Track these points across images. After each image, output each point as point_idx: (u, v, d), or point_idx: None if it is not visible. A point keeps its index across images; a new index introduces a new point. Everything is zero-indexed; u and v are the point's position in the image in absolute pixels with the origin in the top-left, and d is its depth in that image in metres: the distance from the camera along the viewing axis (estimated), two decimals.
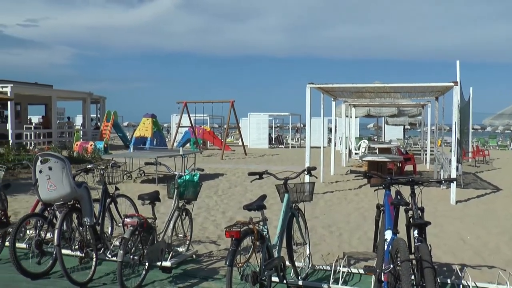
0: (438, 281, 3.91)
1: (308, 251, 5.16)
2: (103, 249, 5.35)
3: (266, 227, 4.16)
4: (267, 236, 4.11)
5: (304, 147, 28.12)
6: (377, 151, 17.29)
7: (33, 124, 29.62)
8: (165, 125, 43.39)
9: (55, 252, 4.93)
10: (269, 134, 31.60)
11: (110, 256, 5.38)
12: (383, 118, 26.09)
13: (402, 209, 4.23)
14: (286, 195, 4.69)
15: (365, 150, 19.09)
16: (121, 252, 4.37)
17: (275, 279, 4.39)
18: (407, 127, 33.74)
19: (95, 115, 33.76)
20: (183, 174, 5.65)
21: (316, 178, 6.01)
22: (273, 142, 31.86)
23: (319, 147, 13.83)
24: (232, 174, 14.55)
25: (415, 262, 3.52)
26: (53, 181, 4.92)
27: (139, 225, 4.59)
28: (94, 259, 5.07)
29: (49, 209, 5.46)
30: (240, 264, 3.77)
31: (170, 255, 5.25)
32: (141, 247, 4.77)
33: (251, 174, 4.88)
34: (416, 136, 36.92)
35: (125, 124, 50.16)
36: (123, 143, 28.19)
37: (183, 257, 5.53)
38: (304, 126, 40.55)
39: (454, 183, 9.69)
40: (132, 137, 23.88)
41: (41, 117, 32.45)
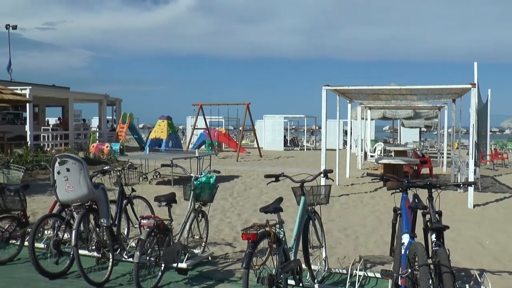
0: (456, 286, 3.86)
1: (324, 254, 5.13)
2: (119, 250, 5.39)
3: (282, 229, 4.15)
4: (283, 238, 4.10)
5: (319, 150, 28.09)
6: (392, 154, 17.15)
7: (51, 125, 29.97)
8: (181, 127, 43.60)
9: (72, 252, 4.98)
10: (284, 136, 31.54)
11: (126, 257, 5.42)
12: (399, 120, 25.85)
13: (419, 213, 4.19)
14: (302, 198, 4.67)
15: (381, 152, 18.94)
16: (138, 253, 4.40)
17: (291, 282, 4.38)
18: (423, 129, 33.36)
19: (111, 117, 34.05)
20: (199, 176, 5.66)
21: (332, 181, 5.98)
22: (288, 144, 31.80)
23: (335, 150, 13.77)
24: (247, 176, 14.57)
25: (433, 266, 3.48)
26: (70, 182, 4.97)
27: (155, 227, 4.62)
28: (110, 260, 5.10)
29: (66, 209, 5.51)
30: (256, 266, 3.76)
31: (186, 257, 5.27)
32: (157, 249, 4.79)
33: (267, 176, 4.87)
34: (432, 138, 36.54)
35: (141, 126, 50.51)
36: (138, 145, 28.38)
37: (199, 258, 5.54)
38: (319, 128, 40.41)
39: (472, 187, 9.56)
40: (147, 139, 24.03)
41: (57, 118, 32.85)
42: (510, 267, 5.72)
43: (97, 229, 5.22)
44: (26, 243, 5.66)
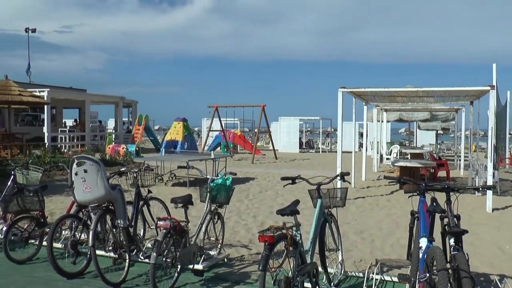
0: None
1: (340, 257, 5.10)
2: (135, 250, 5.44)
3: (299, 232, 4.13)
4: (300, 241, 4.08)
5: (334, 152, 28.04)
6: (409, 157, 17.01)
7: (68, 127, 30.31)
8: (196, 129, 43.77)
9: (89, 252, 5.03)
10: (300, 138, 31.47)
11: (142, 258, 5.46)
12: (415, 122, 25.61)
13: (437, 217, 4.14)
14: (319, 201, 4.65)
15: (397, 155, 18.80)
16: (154, 254, 4.42)
17: (307, 285, 4.35)
18: (440, 132, 33.06)
19: (127, 119, 34.30)
20: (215, 178, 5.67)
21: (349, 183, 5.95)
22: (304, 146, 31.73)
23: (350, 152, 13.70)
24: (262, 178, 14.56)
25: (451, 271, 3.43)
26: (88, 183, 5.02)
27: (172, 228, 4.64)
28: (127, 261, 5.13)
29: (83, 210, 5.58)
30: (273, 269, 3.75)
31: (202, 258, 5.28)
32: (173, 250, 4.81)
33: (284, 179, 4.86)
34: (449, 141, 36.16)
35: (156, 127, 50.79)
36: (154, 146, 28.55)
37: (215, 260, 5.55)
38: (334, 130, 40.26)
39: (490, 190, 9.42)
40: (163, 140, 24.17)
41: (74, 120, 33.20)
42: None
43: (114, 230, 5.26)
44: (44, 243, 5.74)
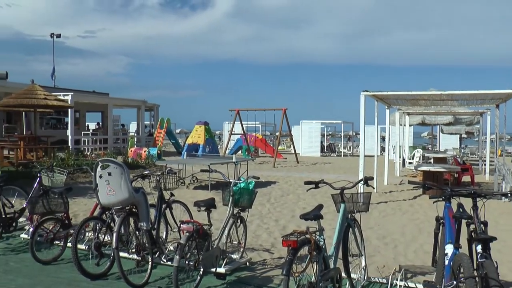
0: None
1: (363, 263, 5.04)
2: (158, 253, 5.47)
3: (322, 237, 4.10)
4: (323, 246, 4.05)
5: (356, 156, 27.81)
6: (432, 161, 16.78)
7: (90, 130, 30.74)
8: (217, 132, 43.94)
9: (113, 254, 5.08)
10: (321, 142, 31.32)
11: (165, 260, 5.49)
12: (438, 126, 25.26)
13: (463, 223, 4.06)
14: (342, 205, 4.61)
15: (419, 159, 18.56)
16: (177, 257, 4.43)
17: None
18: (464, 136, 32.51)
19: (149, 122, 34.61)
20: (238, 181, 5.67)
21: (373, 188, 5.89)
22: (325, 150, 31.55)
23: (373, 156, 13.57)
24: (284, 182, 14.51)
25: (479, 279, 3.36)
26: (112, 186, 5.07)
27: (195, 231, 4.65)
28: (149, 263, 5.16)
29: (107, 212, 5.64)
30: (296, 273, 3.73)
31: (224, 262, 5.27)
32: (196, 253, 4.82)
33: (307, 183, 4.83)
34: (473, 145, 35.55)
35: (178, 131, 51.10)
36: (175, 149, 28.74)
37: (237, 264, 5.55)
38: (356, 134, 39.93)
39: None
40: (184, 144, 24.32)
41: (96, 123, 33.67)
42: None
43: (137, 233, 5.30)
44: (69, 244, 5.81)
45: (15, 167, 14.84)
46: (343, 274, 4.64)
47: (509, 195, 4.75)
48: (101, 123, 32.79)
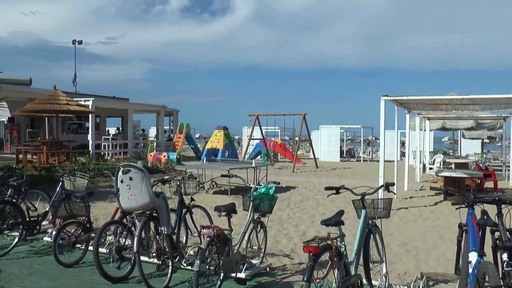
0: None
1: (384, 270, 4.99)
2: (178, 257, 5.49)
3: (343, 243, 4.07)
4: (344, 252, 4.02)
5: (376, 161, 27.57)
6: (453, 166, 16.53)
7: (111, 135, 31.07)
8: (236, 137, 44.04)
9: (133, 258, 5.12)
10: (340, 147, 31.15)
11: (185, 264, 5.51)
12: (459, 131, 24.89)
13: (487, 230, 4.00)
14: (363, 211, 4.58)
15: (440, 164, 18.31)
16: (198, 261, 4.45)
17: None
18: (486, 140, 31.98)
19: (168, 127, 34.85)
20: (259, 186, 5.66)
21: (394, 194, 5.83)
22: (345, 155, 31.36)
23: (392, 161, 13.45)
24: (303, 187, 14.45)
25: None
26: (133, 190, 5.12)
27: (216, 236, 4.66)
28: (170, 267, 5.19)
29: (128, 217, 5.70)
30: (317, 280, 3.71)
31: (244, 267, 5.27)
32: (216, 258, 4.83)
33: (328, 188, 4.81)
34: (495, 150, 34.91)
35: (197, 136, 51.36)
36: (195, 154, 28.87)
37: (257, 269, 5.54)
38: (376, 139, 39.58)
39: None
40: (204, 148, 24.42)
41: (116, 128, 34.02)
42: None
43: (158, 237, 5.34)
44: (90, 248, 5.89)
45: (38, 171, 15.08)
46: (364, 280, 4.60)
47: None
48: (121, 128, 33.12)
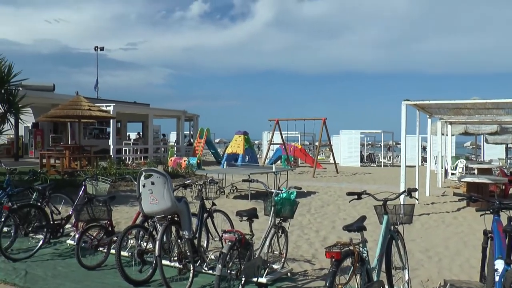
0: None
1: (407, 276, 4.92)
2: (199, 261, 5.50)
3: (366, 249, 4.04)
4: (366, 258, 3.99)
5: (396, 166, 27.30)
6: (475, 172, 16.26)
7: (131, 140, 31.39)
8: (256, 142, 44.08)
9: (155, 261, 5.16)
10: (360, 152, 30.91)
11: (206, 269, 5.53)
12: (482, 136, 24.49)
13: None
14: (385, 217, 4.53)
15: (462, 170, 18.04)
16: (220, 266, 4.46)
17: None
18: (510, 145, 31.39)
19: (189, 132, 35.08)
20: (280, 191, 5.65)
21: (417, 200, 5.76)
22: (365, 160, 31.11)
23: (414, 166, 13.29)
24: (324, 192, 14.37)
25: None
26: (155, 195, 5.16)
27: (237, 241, 4.67)
28: (191, 271, 5.20)
29: (149, 221, 5.74)
30: (339, 286, 3.68)
31: (266, 272, 5.27)
32: (238, 262, 4.84)
33: (349, 194, 4.78)
34: None
35: (217, 140, 51.58)
36: (215, 159, 28.98)
37: (279, 274, 5.52)
38: (396, 144, 39.21)
39: None
40: (224, 153, 24.49)
41: (137, 133, 34.38)
42: None
43: (179, 241, 5.36)
44: (112, 251, 5.95)
45: (61, 176, 15.31)
46: (387, 287, 4.55)
47: None
48: (141, 133, 33.45)
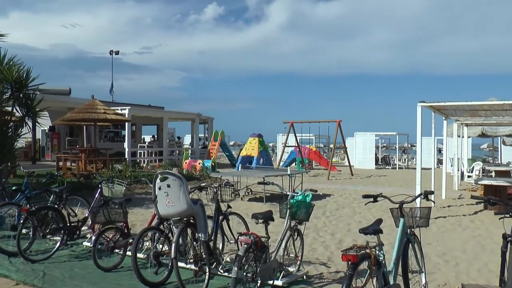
0: None
1: (424, 280, 4.89)
2: (215, 264, 5.52)
3: (382, 252, 4.02)
4: (383, 261, 3.97)
5: (411, 168, 27.09)
6: (493, 174, 16.08)
7: (146, 143, 31.60)
8: (271, 144, 44.09)
9: (170, 264, 5.19)
10: (375, 154, 30.77)
11: (222, 271, 5.53)
12: (499, 138, 24.21)
13: None
14: (401, 220, 4.51)
15: (479, 172, 17.85)
16: (236, 268, 4.47)
17: None
18: None
19: (203, 135, 35.20)
20: (296, 194, 5.65)
21: (433, 203, 5.71)
22: (380, 162, 30.95)
23: (429, 169, 13.18)
24: (339, 195, 14.28)
25: None
26: (171, 197, 5.19)
27: (253, 243, 4.67)
28: (207, 273, 5.22)
29: (165, 223, 5.78)
30: None
31: (281, 275, 5.27)
32: (254, 265, 4.84)
33: (365, 196, 4.76)
34: None
35: (232, 143, 51.68)
36: (229, 161, 29.05)
37: (294, 277, 5.51)
38: (411, 146, 38.89)
39: None
40: (238, 156, 24.55)
41: (152, 136, 34.61)
42: None
43: (195, 243, 5.38)
44: (128, 253, 6.00)
45: (77, 178, 15.49)
46: None
47: None
48: (156, 136, 33.67)
